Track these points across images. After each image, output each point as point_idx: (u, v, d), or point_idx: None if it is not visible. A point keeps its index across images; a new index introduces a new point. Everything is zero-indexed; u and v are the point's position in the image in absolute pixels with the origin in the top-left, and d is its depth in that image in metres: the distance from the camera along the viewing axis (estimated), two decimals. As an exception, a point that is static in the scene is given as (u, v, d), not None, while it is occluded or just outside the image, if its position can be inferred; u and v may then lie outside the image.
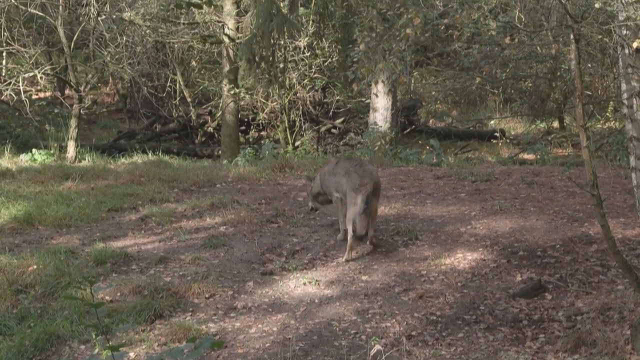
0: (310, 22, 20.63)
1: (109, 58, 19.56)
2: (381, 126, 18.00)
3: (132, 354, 7.38)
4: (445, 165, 14.35)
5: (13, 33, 18.44)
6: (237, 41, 20.23)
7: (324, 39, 21.18)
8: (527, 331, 7.53)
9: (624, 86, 7.28)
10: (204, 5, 17.85)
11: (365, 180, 9.69)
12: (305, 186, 11.17)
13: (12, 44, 18.11)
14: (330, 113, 22.78)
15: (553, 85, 18.90)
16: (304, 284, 8.67)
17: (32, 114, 18.20)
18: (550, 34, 15.51)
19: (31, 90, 19.69)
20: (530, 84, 19.95)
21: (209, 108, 23.76)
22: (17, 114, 19.67)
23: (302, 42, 21.02)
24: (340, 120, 22.65)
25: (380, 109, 18.31)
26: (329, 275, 8.87)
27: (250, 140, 21.95)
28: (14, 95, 17.92)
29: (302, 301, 8.29)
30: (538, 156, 16.03)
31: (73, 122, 17.11)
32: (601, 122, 16.67)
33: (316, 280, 8.70)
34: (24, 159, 16.18)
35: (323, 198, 10.40)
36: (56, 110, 19.61)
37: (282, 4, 18.54)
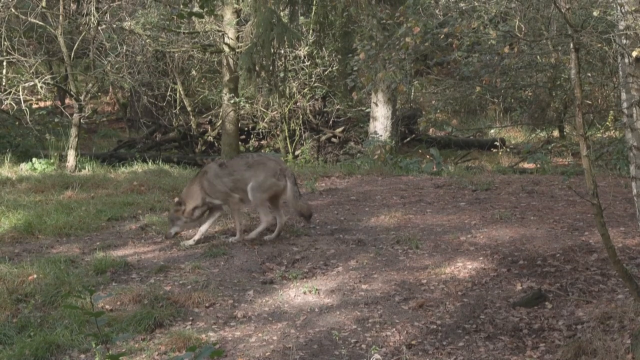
0: (311, 31, 20.66)
1: (109, 67, 19.58)
2: (381, 135, 18.01)
3: (132, 363, 7.38)
4: (445, 174, 14.36)
5: (13, 42, 18.45)
6: (238, 50, 20.27)
7: (324, 48, 21.21)
8: (528, 340, 7.52)
9: (623, 95, 7.28)
10: (205, 15, 17.87)
11: (283, 165, 10.28)
12: (171, 213, 10.59)
13: (13, 53, 18.12)
14: (331, 122, 22.82)
15: (553, 94, 18.91)
16: (304, 292, 8.66)
17: (32, 123, 18.19)
18: (550, 43, 15.52)
19: (31, 100, 19.67)
20: (530, 93, 19.98)
21: (209, 117, 23.79)
22: (17, 123, 19.66)
23: (302, 51, 21.07)
24: (340, 129, 22.67)
25: (380, 117, 18.33)
26: (329, 284, 8.87)
27: (251, 149, 21.97)
28: (14, 105, 17.92)
29: (302, 310, 8.28)
30: (538, 165, 16.05)
31: (73, 131, 17.11)
32: (601, 131, 16.66)
33: (316, 289, 8.69)
34: (24, 168, 16.18)
35: (200, 211, 10.43)
36: (56, 120, 19.60)
37: (282, 14, 18.57)
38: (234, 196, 10.32)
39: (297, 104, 22.11)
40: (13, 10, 17.72)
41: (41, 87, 18.29)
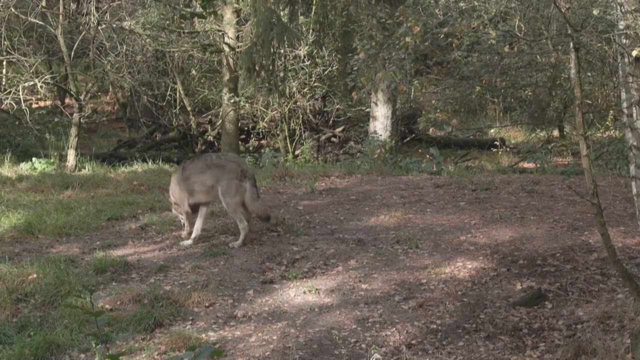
0: (310, 30, 20.65)
1: (109, 67, 19.61)
2: (381, 135, 18.01)
3: (132, 363, 7.37)
4: (445, 174, 14.36)
5: (13, 42, 18.48)
6: (237, 50, 20.27)
7: (324, 48, 21.20)
8: (528, 340, 7.52)
9: (623, 95, 7.28)
10: (207, 16, 17.89)
11: (244, 166, 10.26)
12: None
13: (13, 53, 18.14)
14: (330, 122, 22.81)
15: (553, 94, 18.91)
16: (304, 292, 8.66)
17: (32, 122, 18.22)
18: (550, 43, 15.53)
19: (31, 99, 19.69)
20: (530, 93, 19.98)
21: (209, 117, 23.79)
22: (17, 122, 19.68)
23: (302, 51, 21.06)
24: (340, 129, 22.66)
25: (380, 117, 18.32)
26: (329, 283, 8.87)
27: (251, 149, 21.98)
28: (14, 104, 17.94)
29: (302, 310, 8.28)
30: (538, 165, 16.05)
31: (73, 131, 17.12)
32: (601, 130, 16.67)
33: (316, 289, 8.69)
34: (24, 167, 16.18)
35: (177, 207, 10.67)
36: (56, 119, 19.63)
37: (282, 13, 18.57)
38: (190, 200, 10.37)
39: (297, 103, 22.10)
40: (13, 9, 17.74)
41: (41, 86, 18.31)
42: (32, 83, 18.12)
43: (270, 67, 18.87)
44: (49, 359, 7.50)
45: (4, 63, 19.93)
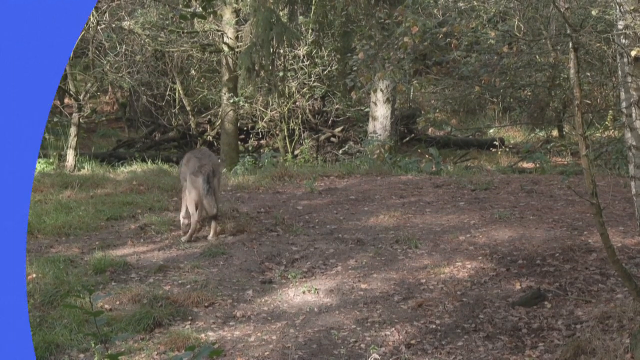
0: (310, 30, 20.66)
1: (108, 67, 19.60)
2: (380, 135, 18.01)
3: (131, 363, 7.37)
4: (444, 174, 14.37)
5: (13, 42, 18.44)
6: (237, 50, 20.26)
7: (323, 48, 21.20)
8: (527, 340, 7.52)
9: (622, 95, 7.28)
10: (207, 16, 17.89)
11: (204, 161, 10.49)
12: None
13: (12, 52, 18.11)
14: (330, 122, 22.82)
15: (552, 94, 18.91)
16: (303, 292, 8.66)
17: (31, 122, 18.18)
18: (549, 43, 15.53)
19: (30, 99, 19.66)
20: (529, 93, 19.98)
21: (209, 117, 23.78)
22: (16, 122, 19.64)
23: (302, 51, 21.06)
24: (339, 129, 22.67)
25: (380, 117, 18.32)
26: (328, 283, 8.87)
27: (250, 148, 21.97)
28: (13, 104, 17.91)
29: (301, 310, 8.28)
30: (537, 165, 16.06)
31: (72, 131, 17.11)
32: (600, 130, 16.68)
33: (315, 289, 8.69)
34: (23, 167, 16.15)
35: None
36: (55, 119, 19.60)
37: (281, 13, 18.57)
38: (183, 185, 10.91)
39: (297, 103, 22.10)
40: (12, 9, 17.70)
41: (40, 86, 18.26)
42: (31, 83, 18.08)
43: (270, 67, 18.86)
44: (48, 358, 7.50)
45: (4, 63, 19.89)
